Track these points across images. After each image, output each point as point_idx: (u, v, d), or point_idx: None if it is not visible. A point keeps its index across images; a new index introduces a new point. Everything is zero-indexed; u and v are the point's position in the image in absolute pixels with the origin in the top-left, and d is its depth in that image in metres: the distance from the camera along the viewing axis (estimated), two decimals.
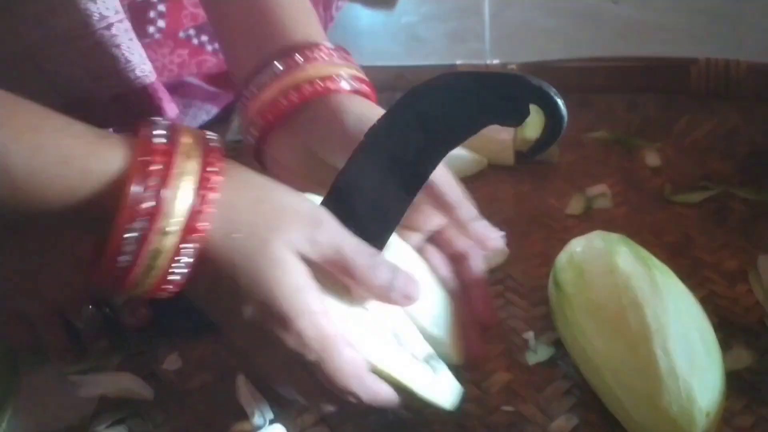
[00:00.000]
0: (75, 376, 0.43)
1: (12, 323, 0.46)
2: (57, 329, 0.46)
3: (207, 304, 0.36)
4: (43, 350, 0.46)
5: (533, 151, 0.36)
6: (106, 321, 0.47)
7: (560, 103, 0.34)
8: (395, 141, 0.39)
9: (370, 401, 0.36)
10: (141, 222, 0.31)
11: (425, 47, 0.81)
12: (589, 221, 0.54)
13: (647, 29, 0.80)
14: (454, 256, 0.42)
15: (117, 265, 0.31)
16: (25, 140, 0.30)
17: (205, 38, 0.63)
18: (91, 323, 0.46)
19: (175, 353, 0.45)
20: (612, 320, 0.39)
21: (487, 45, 0.81)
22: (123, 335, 0.47)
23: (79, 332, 0.46)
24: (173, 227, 0.31)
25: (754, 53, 0.72)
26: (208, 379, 0.44)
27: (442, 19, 0.86)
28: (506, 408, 0.41)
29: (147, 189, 0.31)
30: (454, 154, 0.57)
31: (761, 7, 0.83)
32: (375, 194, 0.40)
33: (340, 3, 0.74)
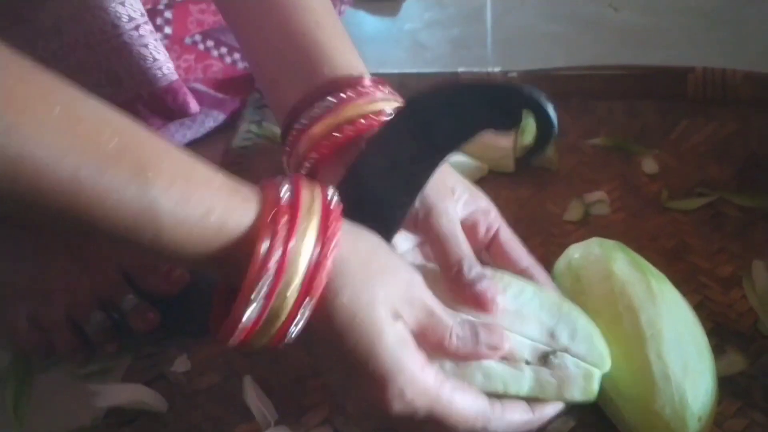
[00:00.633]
0: (89, 385, 0.44)
1: (23, 329, 0.48)
2: (67, 333, 0.47)
3: (321, 363, 0.37)
4: (55, 354, 0.47)
5: (527, 157, 0.37)
6: (115, 325, 0.48)
7: (550, 109, 0.35)
8: (395, 147, 0.40)
9: (504, 430, 0.37)
10: (268, 277, 0.31)
11: (428, 53, 0.83)
12: (588, 227, 0.55)
13: (648, 35, 0.81)
14: None
15: (242, 321, 0.32)
16: (175, 189, 0.30)
17: (211, 43, 0.65)
18: (101, 327, 0.47)
19: (184, 355, 0.46)
20: (607, 325, 0.40)
21: (490, 51, 0.82)
22: (132, 338, 0.48)
23: (89, 336, 0.47)
24: (296, 280, 0.32)
25: (755, 58, 0.73)
26: (216, 380, 0.45)
27: (445, 26, 0.87)
28: None
29: (274, 244, 0.31)
30: (457, 161, 0.58)
31: (761, 13, 0.84)
32: (375, 199, 0.41)
33: (343, 8, 0.75)
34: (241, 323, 0.32)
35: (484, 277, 0.38)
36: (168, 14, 0.60)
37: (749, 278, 0.49)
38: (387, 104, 0.42)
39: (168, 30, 0.61)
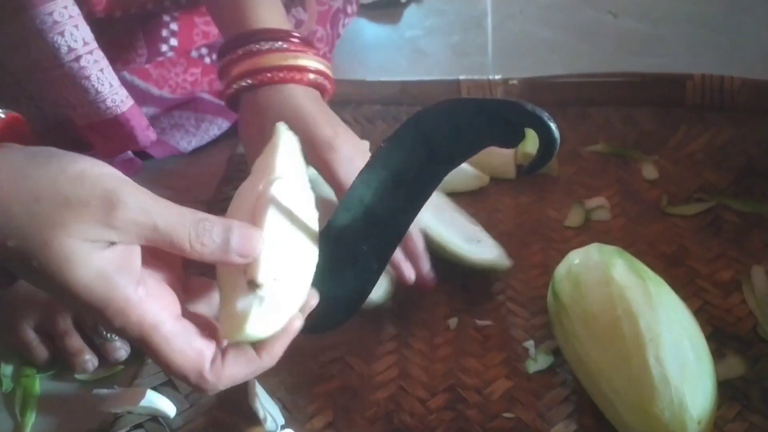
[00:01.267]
0: (97, 391, 0.45)
1: (31, 339, 0.48)
2: (75, 341, 0.48)
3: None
4: (63, 362, 0.48)
5: (529, 171, 0.38)
6: None
7: (553, 127, 0.36)
8: (400, 160, 0.41)
9: (226, 385, 0.35)
10: None
11: (429, 60, 0.83)
12: (588, 232, 0.55)
13: (647, 42, 0.82)
14: None
15: None
16: None
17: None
18: (109, 336, 0.48)
19: None
20: (607, 330, 0.40)
21: (490, 58, 0.82)
22: None
23: (96, 344, 0.48)
24: None
25: (752, 65, 0.74)
26: None
27: (446, 33, 0.88)
28: (507, 415, 0.43)
29: None
30: (459, 171, 0.59)
31: (759, 20, 0.85)
32: (380, 210, 0.42)
33: (347, 20, 0.76)
34: None
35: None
36: (174, 26, 0.61)
37: (748, 283, 0.50)
38: (310, 62, 0.47)
39: (174, 42, 0.62)
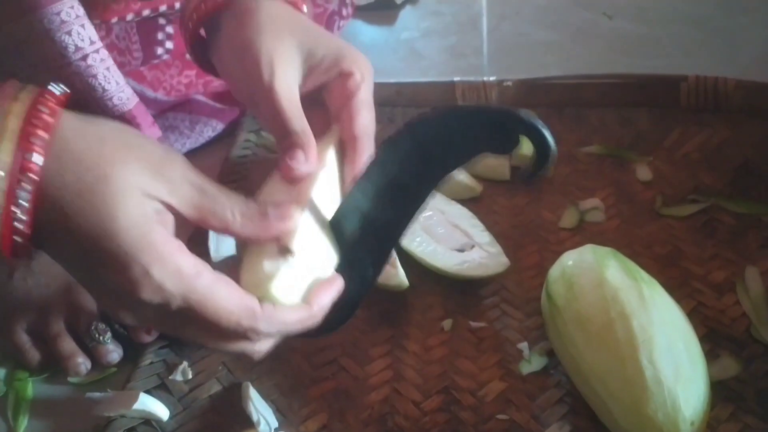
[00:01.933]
0: (90, 394, 0.44)
1: (24, 342, 0.48)
2: (68, 344, 0.48)
3: (66, 264, 0.33)
4: (56, 365, 0.48)
5: (526, 179, 0.38)
6: (116, 336, 0.48)
7: (547, 135, 0.36)
8: (396, 167, 0.41)
9: (279, 332, 0.34)
10: None
11: (424, 62, 0.83)
12: (582, 234, 0.55)
13: (642, 43, 0.82)
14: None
15: None
16: None
17: None
18: (101, 338, 0.48)
19: (185, 364, 0.47)
20: (600, 332, 0.40)
21: (485, 60, 0.83)
22: (133, 348, 0.48)
23: (89, 347, 0.48)
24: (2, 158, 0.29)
25: (747, 67, 0.74)
26: (216, 389, 0.46)
27: (441, 35, 0.88)
28: (501, 416, 0.43)
29: None
30: (451, 180, 0.59)
31: (754, 21, 0.85)
32: (376, 215, 0.42)
33: (342, 22, 0.76)
34: None
35: (302, 150, 0.37)
36: (169, 29, 0.61)
37: (742, 284, 0.50)
38: None
39: (169, 45, 0.62)
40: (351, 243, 0.41)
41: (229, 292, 0.32)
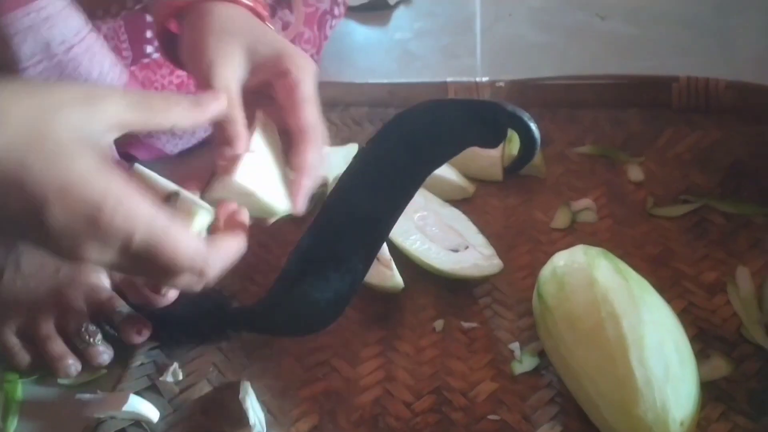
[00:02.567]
0: (80, 395, 0.44)
1: (14, 344, 0.48)
2: (57, 345, 0.47)
3: (23, 235, 0.33)
4: (45, 366, 0.47)
5: (511, 170, 0.38)
6: (106, 337, 0.48)
7: (533, 127, 0.36)
8: (383, 161, 0.41)
9: (223, 266, 0.36)
10: None
11: (418, 63, 0.83)
12: (574, 234, 0.56)
13: (635, 44, 0.82)
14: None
15: None
16: None
17: None
18: (92, 340, 0.47)
19: (175, 365, 0.47)
20: (591, 332, 0.40)
21: (479, 60, 0.83)
22: (123, 349, 0.48)
23: (79, 348, 0.48)
24: None
25: (739, 68, 0.74)
26: (206, 390, 0.46)
27: (435, 35, 0.88)
28: (492, 417, 0.43)
29: None
30: (444, 180, 0.59)
31: (747, 23, 0.85)
32: (365, 210, 0.42)
33: (334, 22, 0.76)
34: None
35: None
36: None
37: (733, 284, 0.50)
38: None
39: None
40: (339, 238, 0.41)
41: (183, 232, 0.34)
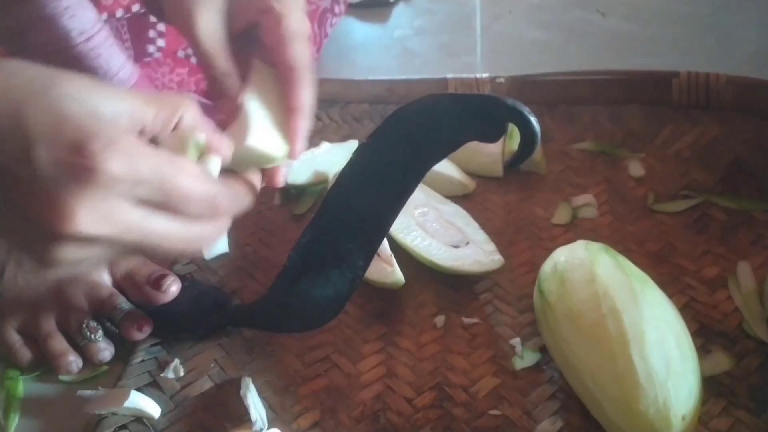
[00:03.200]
0: (81, 392, 0.44)
1: (15, 341, 0.48)
2: (58, 342, 0.47)
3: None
4: (46, 363, 0.47)
5: (511, 164, 0.38)
6: (107, 334, 0.48)
7: (533, 121, 0.36)
8: (383, 156, 0.41)
9: (239, 205, 0.35)
10: None
11: (418, 60, 0.83)
12: (575, 230, 0.55)
13: (635, 41, 0.82)
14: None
15: None
16: None
17: None
18: (93, 337, 0.47)
19: (176, 361, 0.47)
20: (592, 327, 0.40)
21: (479, 58, 0.83)
22: (124, 345, 0.48)
23: (80, 345, 0.48)
24: None
25: (740, 65, 0.74)
26: (208, 386, 0.46)
27: (435, 33, 0.88)
28: (493, 412, 0.43)
29: None
30: (444, 177, 0.59)
31: (747, 20, 0.85)
32: (365, 206, 0.42)
33: (335, 20, 0.76)
34: None
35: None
36: (161, 27, 0.61)
37: (734, 279, 0.50)
38: None
39: (161, 42, 0.61)
40: (339, 234, 0.41)
41: (192, 168, 0.32)
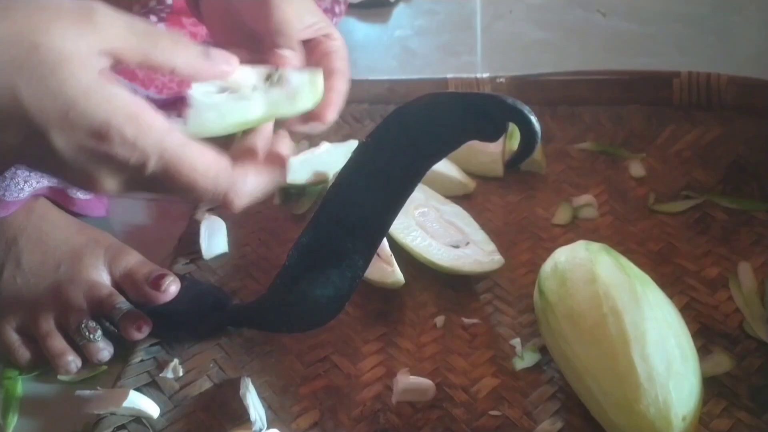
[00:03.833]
0: (80, 392, 0.44)
1: (14, 341, 0.48)
2: (57, 342, 0.47)
3: (23, 158, 0.31)
4: (45, 363, 0.47)
5: (511, 164, 0.38)
6: (106, 333, 0.48)
7: (533, 120, 0.36)
8: (383, 156, 0.41)
9: (253, 189, 0.34)
10: None
11: (418, 60, 0.83)
12: (576, 230, 0.55)
13: (636, 41, 0.82)
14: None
15: None
16: None
17: None
18: (92, 337, 0.47)
19: (175, 361, 0.47)
20: (592, 328, 0.40)
21: (479, 58, 0.82)
22: (123, 345, 0.48)
23: (79, 344, 0.47)
24: None
25: (741, 65, 0.74)
26: (207, 386, 0.46)
27: (435, 33, 0.88)
28: (493, 412, 0.43)
29: None
30: (445, 177, 0.59)
31: (748, 19, 0.85)
32: (364, 205, 0.42)
33: (335, 20, 0.75)
34: None
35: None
36: (161, 27, 0.61)
37: (735, 280, 0.50)
38: None
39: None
40: (339, 234, 0.41)
41: (203, 149, 0.32)
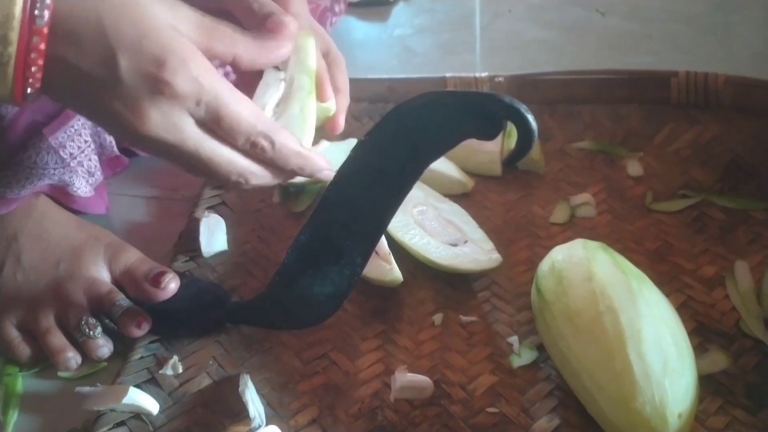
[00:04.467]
0: (79, 388, 0.44)
1: (14, 337, 0.48)
2: (57, 338, 0.47)
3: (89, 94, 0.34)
4: (45, 359, 0.48)
5: (509, 162, 0.38)
6: (106, 330, 0.48)
7: (530, 119, 0.36)
8: (381, 153, 0.41)
9: (288, 152, 0.37)
10: None
11: (417, 59, 0.83)
12: (573, 229, 0.56)
13: (635, 40, 0.82)
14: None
15: None
16: None
17: None
18: (92, 333, 0.47)
19: (175, 358, 0.47)
20: (589, 326, 0.40)
21: (478, 57, 0.83)
22: (123, 342, 0.48)
23: (79, 341, 0.48)
24: None
25: (740, 64, 0.74)
26: (206, 383, 0.46)
27: (435, 32, 0.89)
28: (491, 410, 0.43)
29: None
30: (443, 176, 0.59)
31: (746, 19, 0.85)
32: (362, 203, 0.42)
33: (335, 19, 0.76)
34: None
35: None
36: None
37: (732, 278, 0.50)
38: None
39: None
40: (337, 231, 0.41)
41: (248, 101, 0.35)
